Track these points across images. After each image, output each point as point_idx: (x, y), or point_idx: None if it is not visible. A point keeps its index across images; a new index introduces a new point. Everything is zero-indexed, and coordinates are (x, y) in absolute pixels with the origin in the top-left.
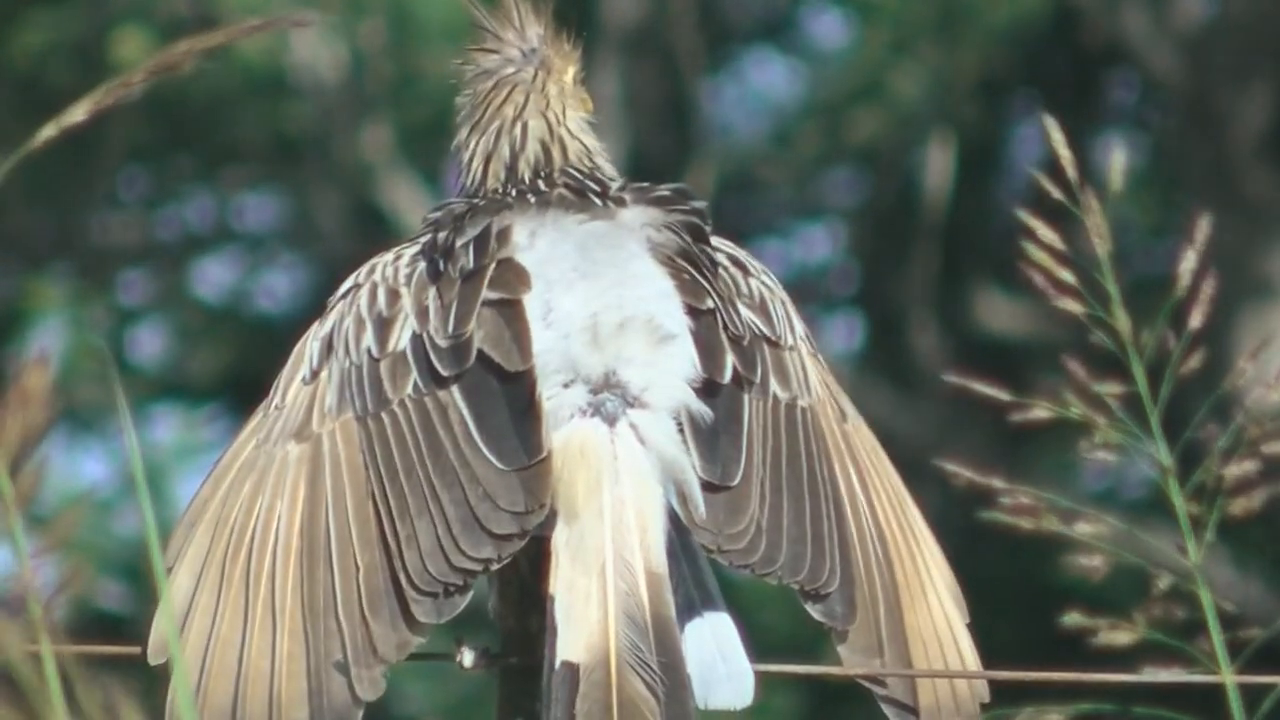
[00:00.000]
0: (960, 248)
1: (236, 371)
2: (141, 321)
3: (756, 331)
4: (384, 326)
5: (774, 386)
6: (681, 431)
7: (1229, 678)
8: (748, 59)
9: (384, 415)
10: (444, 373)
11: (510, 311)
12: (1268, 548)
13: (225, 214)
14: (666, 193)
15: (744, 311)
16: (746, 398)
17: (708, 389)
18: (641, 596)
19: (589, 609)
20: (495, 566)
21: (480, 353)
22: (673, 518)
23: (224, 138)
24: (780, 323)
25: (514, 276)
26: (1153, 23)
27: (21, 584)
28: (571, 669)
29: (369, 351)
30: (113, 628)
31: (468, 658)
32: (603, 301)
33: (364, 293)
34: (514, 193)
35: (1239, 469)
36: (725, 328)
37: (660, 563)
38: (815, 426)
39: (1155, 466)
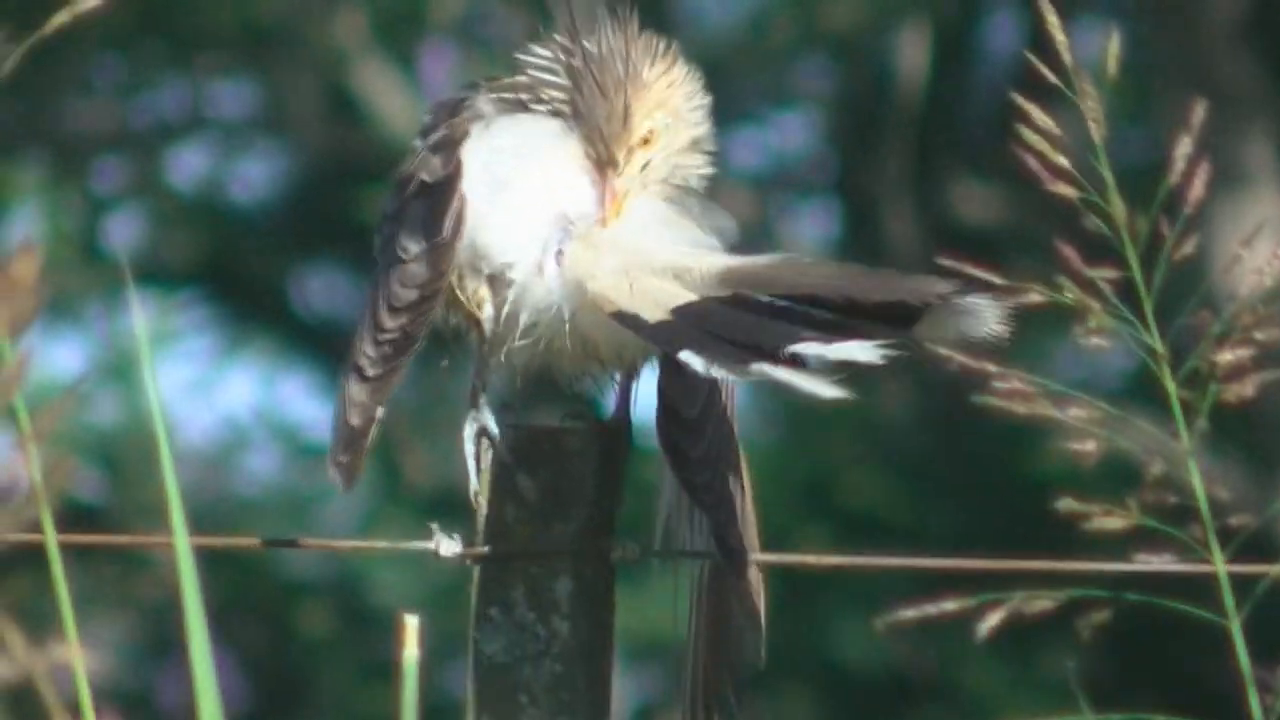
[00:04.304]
0: (936, 135)
1: (212, 259)
2: (115, 209)
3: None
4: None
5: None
6: None
7: (1221, 567)
8: None
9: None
10: (389, 210)
11: (454, 143)
12: (1246, 436)
13: (199, 101)
14: None
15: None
16: None
17: None
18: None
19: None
20: (413, 332)
21: (419, 183)
22: None
23: (197, 24)
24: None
25: (468, 117)
26: None
27: (10, 474)
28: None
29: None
30: (86, 517)
31: (444, 546)
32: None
33: None
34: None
35: (1232, 355)
36: None
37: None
38: None
39: (1149, 352)
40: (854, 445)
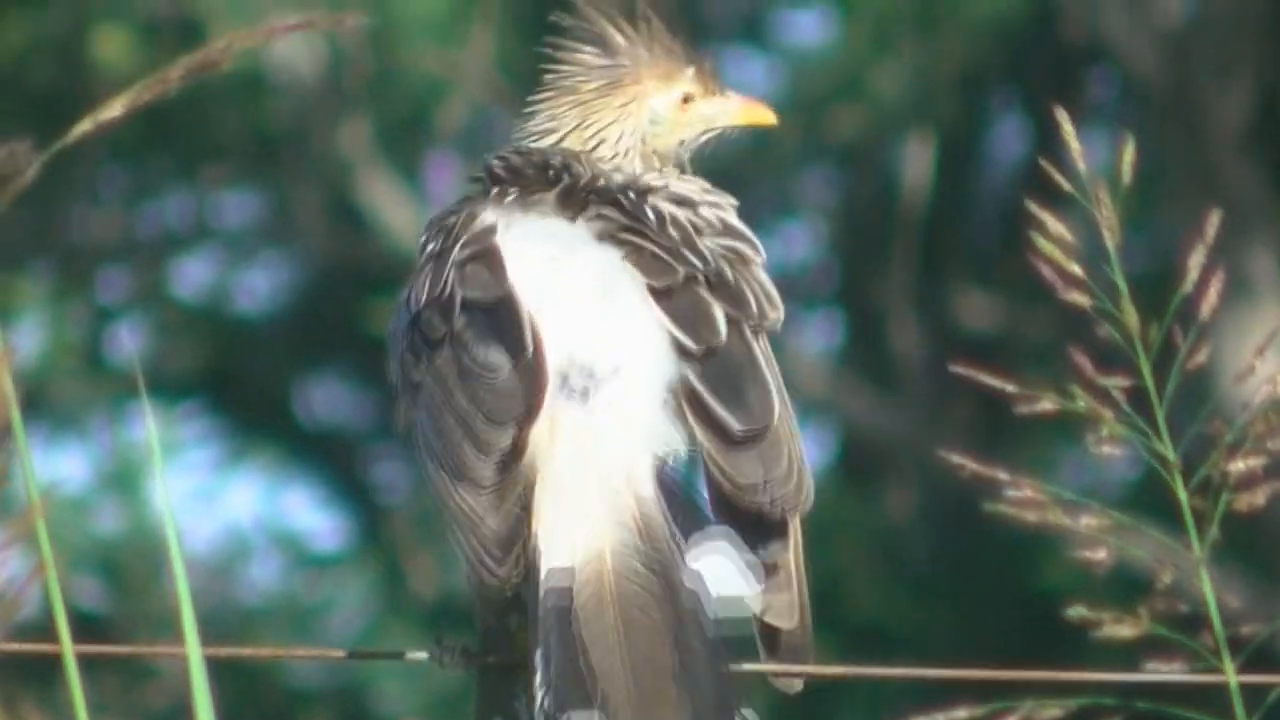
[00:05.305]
0: (940, 245)
1: (215, 369)
2: (120, 319)
3: (730, 254)
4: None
5: (764, 304)
6: (679, 401)
7: (1233, 677)
8: (726, 57)
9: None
10: (438, 334)
11: (489, 258)
12: (1251, 545)
13: (204, 212)
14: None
15: (709, 243)
16: (748, 331)
17: (707, 354)
18: (633, 509)
19: (577, 524)
20: (521, 445)
21: (464, 300)
22: (661, 480)
23: (203, 135)
24: (749, 234)
25: (483, 232)
26: (1133, 19)
27: None
28: (563, 572)
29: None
30: (90, 627)
31: (446, 656)
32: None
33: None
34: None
35: (1244, 464)
36: (704, 280)
37: (650, 488)
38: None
39: (1160, 460)
40: (860, 553)
